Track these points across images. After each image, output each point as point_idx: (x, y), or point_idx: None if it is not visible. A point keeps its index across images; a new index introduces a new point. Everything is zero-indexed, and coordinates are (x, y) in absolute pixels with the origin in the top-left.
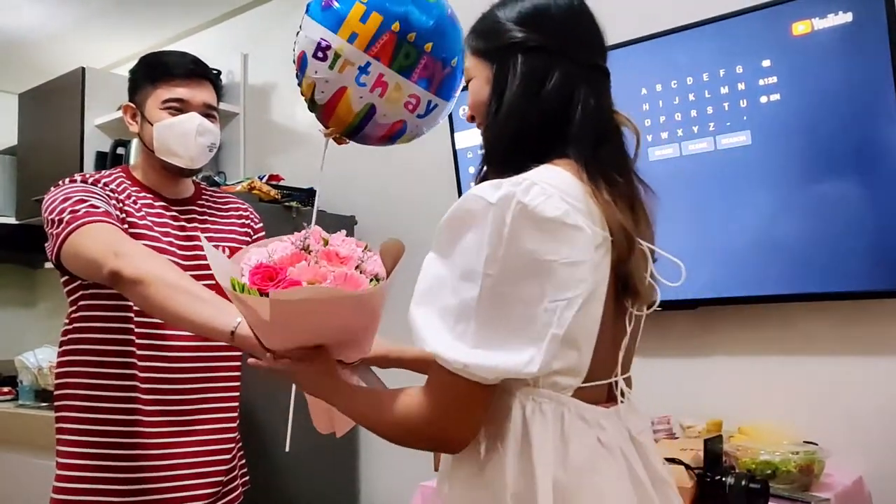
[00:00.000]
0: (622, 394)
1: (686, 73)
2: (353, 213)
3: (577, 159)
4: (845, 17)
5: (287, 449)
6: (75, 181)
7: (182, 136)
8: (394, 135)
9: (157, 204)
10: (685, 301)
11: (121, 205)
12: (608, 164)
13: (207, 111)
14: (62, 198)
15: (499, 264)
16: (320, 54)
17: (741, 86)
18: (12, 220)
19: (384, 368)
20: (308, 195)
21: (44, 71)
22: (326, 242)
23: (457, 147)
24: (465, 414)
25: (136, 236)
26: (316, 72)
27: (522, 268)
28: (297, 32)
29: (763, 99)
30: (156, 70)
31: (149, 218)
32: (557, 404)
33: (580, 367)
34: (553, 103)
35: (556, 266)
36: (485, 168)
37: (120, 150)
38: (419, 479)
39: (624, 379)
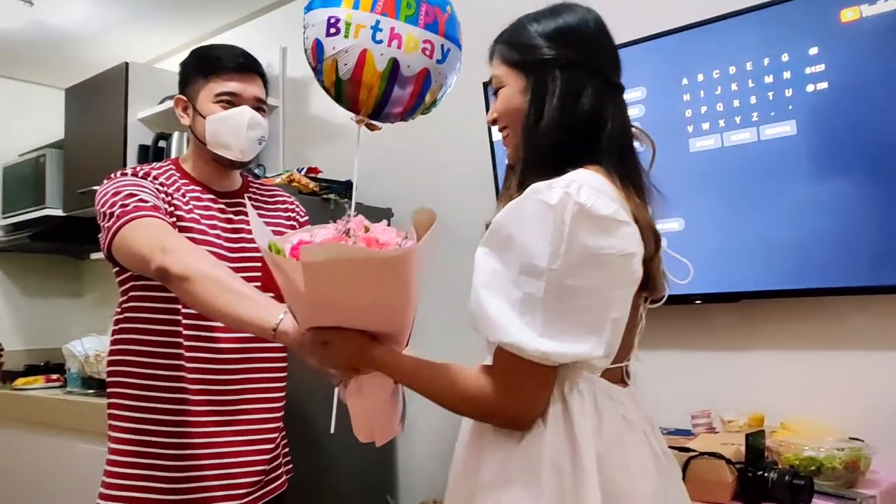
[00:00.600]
0: (628, 376)
1: (729, 63)
2: (390, 205)
3: (607, 167)
4: (895, 4)
5: (332, 430)
6: (126, 174)
7: (234, 129)
8: (421, 89)
9: (205, 196)
10: (726, 294)
11: (169, 198)
12: (632, 172)
13: (258, 105)
14: (113, 191)
15: (561, 260)
16: (332, 30)
17: (787, 74)
18: (60, 213)
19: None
20: (346, 187)
21: (89, 66)
22: (367, 230)
23: (493, 139)
24: (538, 395)
25: (183, 229)
26: (334, 47)
27: (583, 262)
28: (303, 31)
29: (809, 88)
30: (208, 63)
31: (196, 211)
32: (590, 384)
33: (613, 350)
34: (587, 117)
35: (613, 258)
36: (513, 170)
37: (162, 144)
38: None
39: (627, 365)
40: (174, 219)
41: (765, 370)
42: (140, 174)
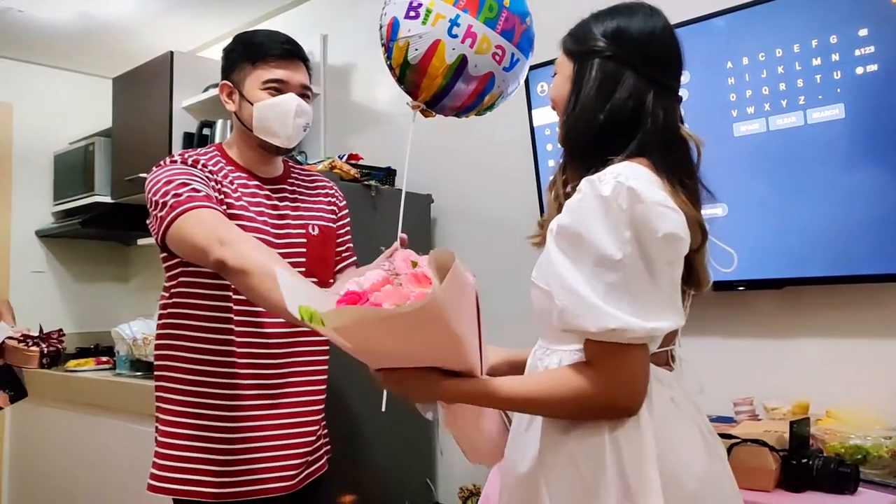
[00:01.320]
0: (673, 360)
1: (775, 45)
2: (430, 191)
3: (653, 160)
4: None
5: (384, 409)
6: (175, 161)
7: (282, 116)
8: (483, 90)
9: (251, 183)
10: (771, 280)
11: (218, 185)
12: (677, 168)
13: (303, 91)
14: (165, 180)
15: (628, 245)
16: (412, 13)
17: (835, 56)
18: (108, 199)
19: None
20: (386, 174)
21: (135, 56)
22: (415, 264)
23: (534, 124)
24: (643, 378)
25: (232, 216)
26: (409, 30)
27: (646, 242)
28: (384, 6)
29: (859, 70)
30: (254, 50)
31: (245, 198)
32: None
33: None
34: (622, 108)
35: (667, 239)
36: (563, 158)
37: (206, 131)
38: None
39: (672, 349)
40: (224, 206)
41: (809, 358)
42: (189, 161)
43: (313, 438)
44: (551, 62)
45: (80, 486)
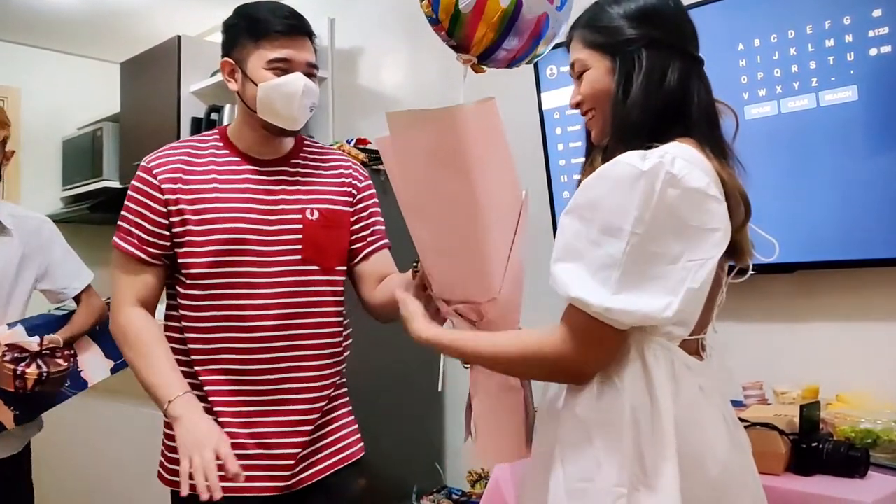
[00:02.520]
0: (703, 349)
1: (787, 27)
2: None
3: (699, 139)
4: None
5: (440, 388)
6: (146, 167)
7: (287, 97)
8: (538, 34)
9: (241, 168)
10: (782, 264)
11: (177, 185)
12: (720, 142)
13: (310, 70)
14: (127, 193)
15: (645, 225)
16: None
17: (848, 38)
18: (117, 185)
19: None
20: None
21: (143, 40)
22: None
23: (543, 107)
24: (600, 354)
25: (198, 211)
26: None
27: (667, 230)
28: None
29: (872, 51)
30: (257, 26)
31: (226, 185)
32: (667, 351)
33: (691, 321)
34: (674, 94)
35: (698, 231)
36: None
37: (214, 116)
38: None
39: (703, 338)
40: (179, 212)
41: (820, 342)
42: (151, 165)
43: (307, 439)
44: (560, 45)
45: (89, 469)
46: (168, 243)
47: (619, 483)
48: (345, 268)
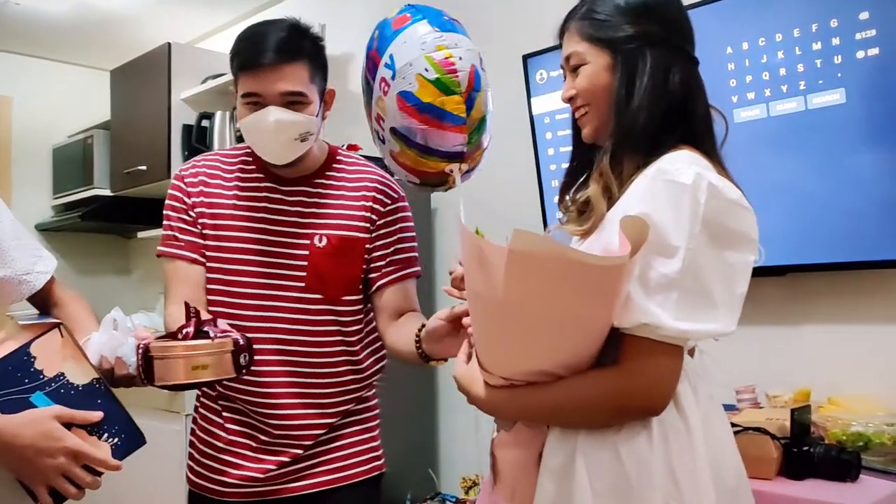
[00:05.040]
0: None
1: (775, 30)
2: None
3: (701, 146)
4: None
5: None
6: (178, 176)
7: (260, 133)
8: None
9: (263, 185)
10: (773, 267)
11: (200, 199)
12: (715, 148)
13: (291, 99)
14: (165, 203)
15: (696, 239)
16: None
17: (836, 41)
18: (108, 192)
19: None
20: (385, 164)
21: (133, 47)
22: None
23: (533, 112)
24: (672, 379)
25: (214, 227)
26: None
27: (716, 241)
28: (455, 48)
29: (860, 54)
30: (234, 60)
31: (244, 202)
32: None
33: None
34: (677, 95)
35: (740, 238)
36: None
37: (205, 123)
38: None
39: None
40: (202, 212)
41: (811, 345)
42: (182, 174)
43: (289, 459)
44: (550, 49)
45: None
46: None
47: (653, 500)
48: (357, 297)
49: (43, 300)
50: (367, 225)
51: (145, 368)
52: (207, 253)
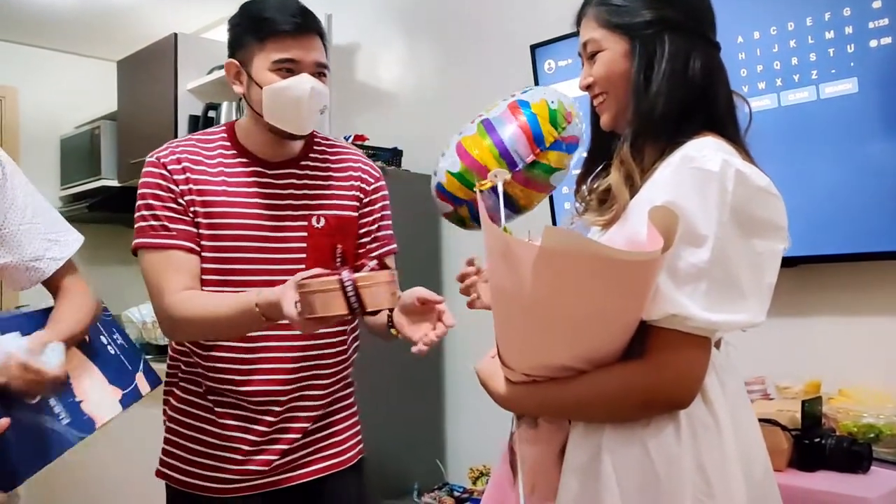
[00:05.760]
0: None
1: (787, 19)
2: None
3: (726, 133)
4: None
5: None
6: (157, 162)
7: (294, 100)
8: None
9: (249, 170)
10: (784, 258)
11: (187, 187)
12: (739, 133)
13: (319, 70)
14: (140, 192)
15: (725, 228)
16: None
17: (848, 29)
18: (115, 183)
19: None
20: (392, 154)
21: (139, 38)
22: None
23: None
24: (701, 371)
25: (209, 215)
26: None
27: (744, 229)
28: (577, 119)
29: (873, 43)
30: (263, 25)
31: (234, 187)
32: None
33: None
34: (698, 81)
35: (770, 227)
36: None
37: (211, 114)
38: (507, 434)
39: None
40: (194, 209)
41: (822, 336)
42: (161, 161)
43: (290, 447)
44: (558, 39)
45: (93, 467)
46: (196, 231)
47: (683, 496)
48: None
49: (52, 287)
50: (357, 204)
51: (356, 299)
52: (203, 242)
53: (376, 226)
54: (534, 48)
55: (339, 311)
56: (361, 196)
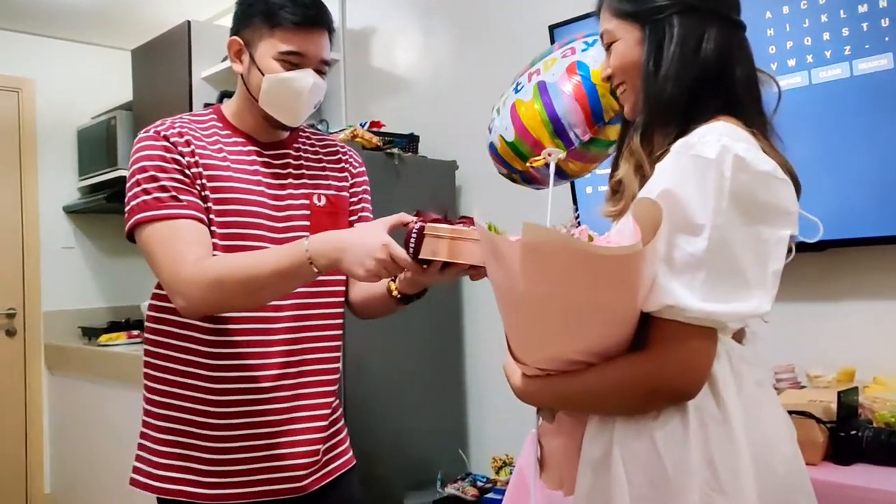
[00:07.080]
0: (744, 334)
1: None
2: (455, 157)
3: (743, 117)
4: None
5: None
6: (157, 135)
7: (294, 93)
8: None
9: (248, 148)
10: (812, 244)
11: (195, 159)
12: (763, 117)
13: (321, 67)
14: (138, 166)
15: (723, 216)
16: None
17: (883, 2)
18: None
19: None
20: (409, 140)
21: (153, 26)
22: (591, 239)
23: None
24: (705, 361)
25: (216, 189)
26: None
27: (747, 216)
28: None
29: None
30: (276, 12)
31: (239, 164)
32: (724, 345)
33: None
34: (711, 63)
35: (775, 213)
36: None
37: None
38: (529, 424)
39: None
40: (202, 181)
41: (854, 322)
42: (170, 132)
43: (324, 434)
44: (576, 20)
45: (113, 456)
46: (205, 205)
47: (690, 490)
48: None
49: None
50: (347, 184)
51: (416, 244)
52: (211, 217)
53: (360, 206)
54: (552, 28)
55: (472, 261)
56: (349, 177)
